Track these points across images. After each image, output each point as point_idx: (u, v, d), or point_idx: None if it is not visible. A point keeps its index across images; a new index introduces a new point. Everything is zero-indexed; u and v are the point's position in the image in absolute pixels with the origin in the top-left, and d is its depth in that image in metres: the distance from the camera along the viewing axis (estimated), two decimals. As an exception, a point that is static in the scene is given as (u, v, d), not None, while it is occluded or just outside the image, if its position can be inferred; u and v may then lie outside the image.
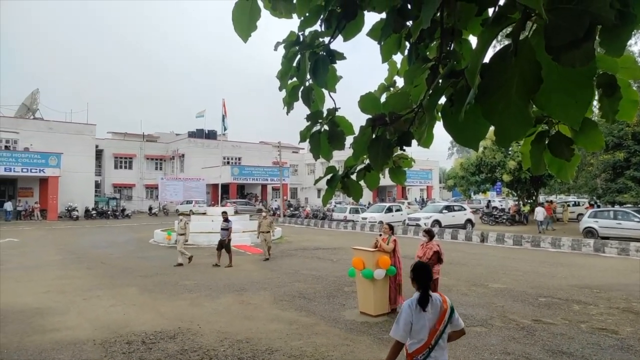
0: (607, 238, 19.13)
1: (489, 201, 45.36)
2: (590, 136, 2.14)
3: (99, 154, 47.08)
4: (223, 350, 6.15)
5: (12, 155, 35.15)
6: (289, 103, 2.91)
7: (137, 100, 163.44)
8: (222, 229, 13.74)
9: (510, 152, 29.52)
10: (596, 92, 1.91)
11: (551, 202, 32.11)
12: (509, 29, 1.60)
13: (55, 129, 40.09)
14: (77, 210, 36.91)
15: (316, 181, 3.62)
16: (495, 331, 7.07)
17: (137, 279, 11.36)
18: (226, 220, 13.86)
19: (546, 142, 2.29)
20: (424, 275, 3.22)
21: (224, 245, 13.50)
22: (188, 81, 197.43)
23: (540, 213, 25.47)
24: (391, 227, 8.45)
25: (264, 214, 15.78)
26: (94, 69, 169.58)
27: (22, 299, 9.17)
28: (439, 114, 2.03)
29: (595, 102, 2.06)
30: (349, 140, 2.63)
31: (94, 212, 38.60)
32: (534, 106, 1.62)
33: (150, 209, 45.25)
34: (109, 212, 39.72)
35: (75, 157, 39.29)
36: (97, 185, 47.21)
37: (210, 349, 6.20)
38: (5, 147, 37.80)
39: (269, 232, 15.14)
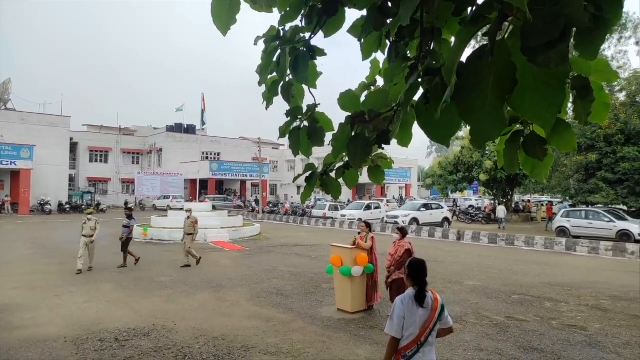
0: (579, 237, 19.66)
1: (455, 200, 46.29)
2: (564, 137, 2.18)
3: (73, 147, 45.97)
4: (198, 347, 6.09)
5: (-18, 146, 34.05)
6: (268, 98, 2.88)
7: (114, 93, 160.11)
8: (123, 226, 12.83)
9: (487, 152, 30.07)
10: (570, 95, 1.95)
11: (551, 203, 32.48)
12: (485, 29, 1.61)
13: (28, 120, 39.00)
14: (50, 204, 36.06)
15: (295, 178, 3.61)
16: (469, 328, 7.18)
17: (111, 275, 11.15)
18: (130, 217, 12.96)
19: (521, 141, 2.33)
20: (420, 272, 3.25)
21: (122, 243, 12.68)
22: (167, 75, 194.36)
23: (501, 211, 28.08)
24: (368, 225, 8.48)
25: (187, 213, 13.50)
26: (70, 61, 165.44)
27: (-10, 295, 8.89)
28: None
29: (569, 104, 2.10)
30: (329, 137, 2.62)
31: (67, 206, 37.74)
32: (508, 107, 1.65)
33: (126, 203, 44.35)
34: (83, 207, 38.84)
35: (49, 149, 38.30)
36: (72, 179, 46.11)
37: (185, 346, 6.13)
38: (-25, 138, 36.58)
39: (191, 234, 12.93)
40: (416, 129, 2.51)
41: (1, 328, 6.82)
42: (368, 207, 31.26)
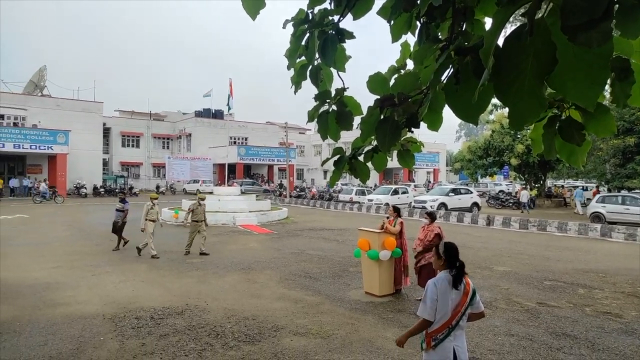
0: (615, 223, 19.04)
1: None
2: (602, 121, 2.12)
3: (106, 132, 47.26)
4: (230, 326, 6.26)
5: (21, 132, 35.37)
6: (297, 82, 2.88)
7: (145, 78, 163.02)
8: (117, 210, 12.60)
9: (519, 136, 29.27)
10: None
11: (597, 187, 31.46)
12: (524, 9, 1.56)
13: (62, 107, 40.21)
14: (85, 188, 37.32)
15: (323, 162, 3.62)
16: (499, 313, 7.12)
17: (145, 256, 11.51)
18: (123, 201, 12.80)
19: (557, 127, 2.27)
20: (456, 253, 3.26)
21: (117, 227, 12.56)
22: (197, 60, 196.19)
23: (524, 195, 27.96)
24: (397, 210, 8.45)
25: (199, 199, 12.61)
26: (103, 47, 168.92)
27: (33, 273, 9.35)
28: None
29: (607, 87, 2.03)
30: (357, 121, 2.61)
31: (102, 189, 38.99)
32: (548, 88, 1.61)
33: (158, 187, 45.58)
34: (116, 190, 40.05)
35: (83, 134, 39.47)
36: (105, 163, 47.50)
37: (217, 325, 6.31)
38: (14, 123, 38.03)
39: (203, 221, 12.23)
40: (445, 113, 2.48)
41: (45, 304, 7.19)
42: (395, 192, 31.06)
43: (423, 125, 2.45)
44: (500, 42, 1.57)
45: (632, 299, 8.09)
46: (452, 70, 1.95)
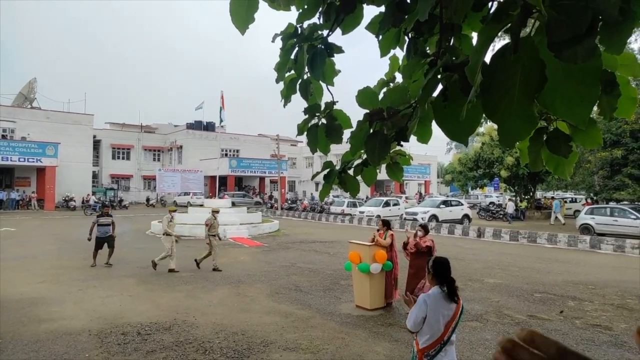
0: (604, 235, 19.20)
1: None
2: (589, 133, 2.14)
3: (96, 144, 46.90)
4: (218, 342, 6.16)
5: (9, 144, 35.04)
6: (286, 96, 2.88)
7: (135, 91, 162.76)
8: (103, 225, 11.96)
9: (508, 149, 29.55)
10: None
11: (588, 199, 31.53)
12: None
13: (52, 119, 39.92)
14: (74, 201, 36.86)
15: (313, 176, 3.61)
16: (490, 326, 7.10)
17: (133, 270, 11.36)
18: (108, 215, 12.29)
19: (544, 138, 2.29)
20: (447, 268, 3.24)
21: (107, 241, 11.96)
22: (188, 73, 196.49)
23: (510, 207, 29.30)
24: (386, 223, 8.43)
25: (213, 212, 12.38)
26: (92, 60, 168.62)
27: (18, 288, 9.16)
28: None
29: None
30: (347, 134, 2.61)
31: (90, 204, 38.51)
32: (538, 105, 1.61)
33: (148, 200, 45.20)
34: (106, 203, 39.63)
35: (73, 147, 39.16)
36: (95, 176, 47.04)
37: (206, 340, 6.21)
38: (2, 136, 37.66)
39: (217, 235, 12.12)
40: (436, 126, 2.49)
41: (29, 320, 7.02)
42: (387, 204, 31.11)
43: (413, 137, 2.45)
44: (489, 59, 1.58)
45: (622, 311, 8.11)
46: (441, 87, 1.96)
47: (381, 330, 6.83)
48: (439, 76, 1.96)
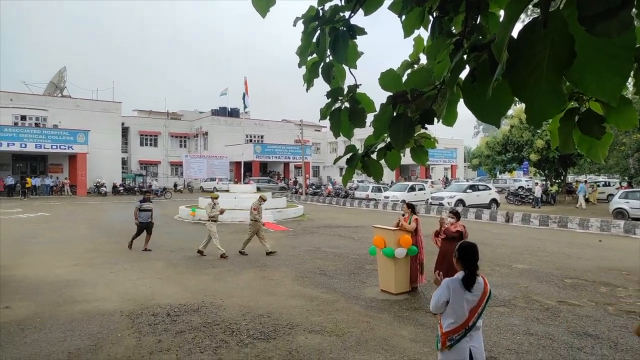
0: (639, 219, 18.55)
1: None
2: (623, 113, 2.05)
3: (125, 131, 47.94)
4: (245, 324, 6.29)
5: (42, 132, 36.14)
6: (308, 80, 2.85)
7: (161, 79, 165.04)
8: (145, 210, 12.09)
9: (538, 131, 28.71)
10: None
11: (628, 183, 30.52)
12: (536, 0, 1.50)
13: (82, 107, 40.92)
14: (105, 186, 37.98)
15: (336, 160, 3.59)
16: (518, 312, 7.00)
17: (162, 254, 11.65)
18: (150, 201, 12.51)
19: (576, 119, 2.20)
20: (471, 256, 3.19)
21: (147, 227, 12.17)
22: (212, 60, 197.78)
23: (538, 190, 28.28)
24: (411, 207, 8.36)
25: (260, 198, 12.29)
26: (119, 49, 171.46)
27: (53, 270, 9.53)
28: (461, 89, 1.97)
29: (630, 78, 1.95)
30: (371, 118, 2.57)
31: (121, 188, 39.63)
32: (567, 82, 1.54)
33: (175, 185, 46.10)
34: (135, 189, 40.67)
35: (103, 134, 40.11)
36: (124, 162, 48.22)
37: (233, 322, 6.34)
38: (35, 124, 38.85)
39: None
40: (462, 109, 2.42)
41: (64, 301, 7.32)
42: (412, 189, 30.82)
43: (442, 124, 2.39)
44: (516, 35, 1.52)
45: (657, 298, 7.87)
46: (468, 68, 1.90)
47: (406, 314, 6.82)
48: (465, 57, 1.90)
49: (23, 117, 38.66)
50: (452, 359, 3.14)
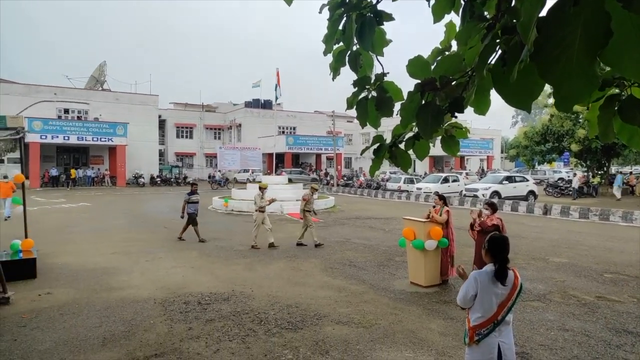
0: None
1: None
2: (668, 99, 1.91)
3: (162, 123, 49.19)
4: (273, 313, 6.34)
5: (84, 125, 37.54)
6: (335, 68, 2.80)
7: (196, 72, 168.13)
8: (194, 202, 12.33)
9: (580, 120, 27.55)
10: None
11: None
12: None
13: (121, 100, 42.23)
14: (143, 177, 39.17)
15: (363, 150, 3.53)
16: (553, 306, 6.76)
17: (196, 243, 11.91)
18: (196, 192, 12.68)
19: (616, 107, 2.07)
20: (502, 248, 3.09)
21: (194, 219, 12.35)
22: (245, 53, 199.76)
23: (575, 181, 27.98)
24: (442, 198, 8.20)
25: (312, 188, 12.36)
26: (154, 43, 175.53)
27: (92, 258, 9.91)
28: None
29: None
30: (398, 107, 2.50)
31: (158, 179, 40.78)
32: (601, 65, 1.44)
33: (210, 176, 47.02)
34: (172, 180, 41.74)
35: (141, 126, 41.28)
36: (161, 154, 49.51)
37: (261, 311, 6.41)
38: (77, 117, 40.37)
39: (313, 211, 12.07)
40: (499, 98, 2.32)
41: (101, 288, 7.60)
42: (445, 180, 30.26)
43: (472, 110, 2.30)
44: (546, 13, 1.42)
45: None
46: (499, 52, 1.81)
47: (436, 307, 6.71)
48: (497, 40, 1.81)
49: (66, 111, 40.26)
50: (479, 354, 3.05)
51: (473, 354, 3.10)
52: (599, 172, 30.86)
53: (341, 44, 2.74)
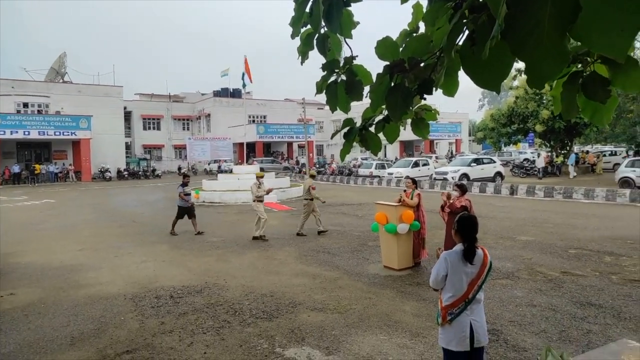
0: (645, 188, 18.38)
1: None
2: (630, 76, 1.92)
3: (127, 115, 47.78)
4: (248, 303, 6.29)
5: (45, 119, 36.06)
6: (303, 52, 2.73)
7: (161, 62, 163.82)
8: (187, 194, 12.11)
9: (544, 101, 28.30)
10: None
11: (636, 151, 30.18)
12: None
13: (84, 92, 40.71)
14: (109, 172, 38.03)
15: (333, 135, 3.49)
16: (521, 283, 6.96)
17: (166, 237, 11.68)
18: (187, 184, 12.33)
19: (579, 83, 2.08)
20: (470, 228, 3.12)
21: (190, 211, 12.10)
22: (211, 42, 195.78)
23: (539, 161, 28.88)
24: (414, 181, 8.28)
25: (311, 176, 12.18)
26: (116, 34, 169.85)
27: (58, 256, 9.58)
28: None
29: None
30: (368, 90, 2.46)
31: (125, 172, 39.70)
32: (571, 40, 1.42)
33: (180, 168, 46.15)
34: (140, 173, 40.75)
35: (105, 119, 39.98)
36: (128, 147, 48.19)
37: (236, 302, 6.35)
38: (38, 111, 38.73)
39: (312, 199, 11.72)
40: (467, 81, 2.30)
41: (68, 286, 7.35)
42: (416, 164, 30.65)
43: (441, 94, 2.28)
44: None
45: (663, 266, 7.80)
46: (466, 32, 1.78)
47: (409, 289, 6.80)
48: (464, 20, 1.78)
49: (25, 105, 38.59)
50: (452, 333, 3.09)
51: (446, 333, 3.14)
52: (562, 152, 31.87)
53: (309, 26, 2.67)
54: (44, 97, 39.17)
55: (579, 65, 2.21)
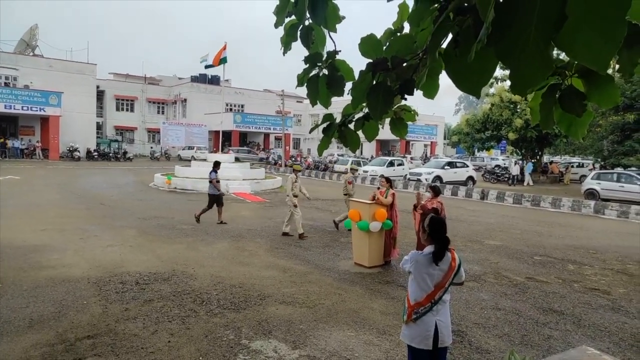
0: (609, 200, 19.07)
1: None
2: (606, 91, 1.97)
3: (100, 94, 46.37)
4: (216, 294, 6.21)
5: (12, 92, 34.67)
6: (286, 43, 2.68)
7: (138, 42, 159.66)
8: (217, 181, 11.62)
9: (518, 110, 29.00)
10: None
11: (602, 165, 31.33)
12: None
13: (55, 67, 39.29)
14: (79, 151, 36.87)
15: (312, 129, 3.46)
16: (487, 287, 7.11)
17: (135, 221, 11.42)
18: (217, 171, 11.82)
19: (557, 96, 2.12)
20: (440, 230, 3.16)
21: (219, 200, 11.65)
22: (192, 27, 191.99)
23: (515, 169, 29.65)
24: (389, 181, 8.34)
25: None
26: (95, 7, 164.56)
27: (21, 235, 9.24)
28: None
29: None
30: (350, 87, 2.45)
31: (95, 153, 38.62)
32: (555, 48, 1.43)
33: (152, 153, 45.20)
34: (110, 154, 39.71)
35: (76, 97, 38.71)
36: (99, 127, 46.86)
37: (203, 292, 6.26)
38: (5, 83, 37.19)
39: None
40: (443, 82, 2.30)
41: (30, 267, 7.09)
42: (391, 164, 30.95)
43: (419, 97, 2.29)
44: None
45: (621, 276, 8.11)
46: (450, 35, 1.78)
47: (378, 287, 6.86)
48: (447, 20, 1.78)
49: (-9, 76, 36.99)
50: (417, 332, 3.13)
51: (410, 331, 3.17)
52: (533, 161, 32.75)
53: (293, 17, 2.62)
54: (12, 70, 37.61)
55: (558, 78, 2.26)
